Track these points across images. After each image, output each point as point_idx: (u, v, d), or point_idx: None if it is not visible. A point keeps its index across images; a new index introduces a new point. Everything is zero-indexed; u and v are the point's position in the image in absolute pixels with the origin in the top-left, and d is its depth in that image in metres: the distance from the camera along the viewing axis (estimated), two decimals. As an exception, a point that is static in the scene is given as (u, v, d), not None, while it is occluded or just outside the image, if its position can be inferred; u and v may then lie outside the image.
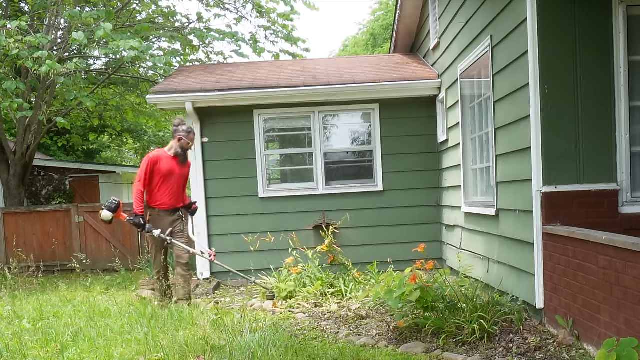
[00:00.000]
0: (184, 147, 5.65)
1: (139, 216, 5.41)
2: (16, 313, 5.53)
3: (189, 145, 5.69)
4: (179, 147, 5.63)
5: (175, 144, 5.63)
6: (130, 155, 21.77)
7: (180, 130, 5.63)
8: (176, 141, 5.63)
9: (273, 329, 4.32)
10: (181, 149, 5.63)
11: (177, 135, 5.63)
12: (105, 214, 5.43)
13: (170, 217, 5.61)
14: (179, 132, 5.63)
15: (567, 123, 4.10)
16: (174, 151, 5.63)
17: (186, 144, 5.66)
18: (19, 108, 9.52)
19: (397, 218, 7.40)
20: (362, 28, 28.42)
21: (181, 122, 5.72)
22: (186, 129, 5.65)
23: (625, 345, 2.72)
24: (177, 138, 5.63)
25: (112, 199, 5.54)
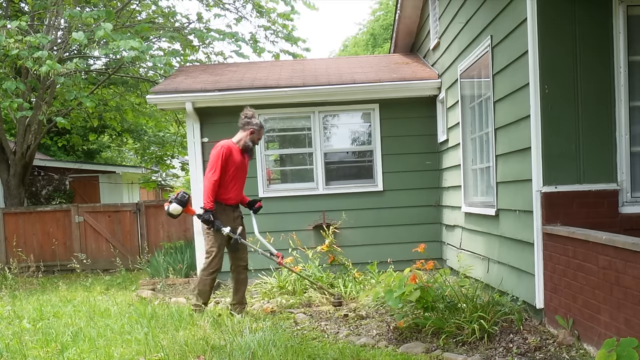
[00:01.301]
0: (255, 141, 5.28)
1: (209, 212, 4.96)
2: (16, 313, 5.53)
3: (259, 140, 5.35)
4: (250, 140, 5.23)
5: (246, 137, 5.22)
6: (130, 155, 21.75)
7: (253, 122, 5.24)
8: (247, 133, 5.22)
9: (273, 329, 4.32)
10: (252, 142, 5.25)
11: (250, 127, 5.22)
12: (174, 207, 4.99)
13: (234, 214, 5.24)
14: (251, 125, 5.23)
15: (567, 123, 4.10)
16: (244, 144, 5.22)
17: (257, 139, 5.30)
18: (19, 108, 9.53)
19: (397, 218, 7.40)
20: (362, 28, 28.45)
21: (254, 114, 5.33)
22: (259, 123, 5.30)
23: (625, 345, 2.72)
24: (249, 131, 5.22)
25: (183, 192, 5.08)
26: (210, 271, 5.09)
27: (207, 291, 5.14)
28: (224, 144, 5.08)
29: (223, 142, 5.10)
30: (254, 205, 5.52)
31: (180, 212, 5.02)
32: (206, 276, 5.09)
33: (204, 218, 4.94)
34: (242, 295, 5.25)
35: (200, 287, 5.13)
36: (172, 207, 4.98)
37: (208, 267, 5.09)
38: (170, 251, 8.10)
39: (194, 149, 7.32)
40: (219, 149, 5.01)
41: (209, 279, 5.09)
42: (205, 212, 4.93)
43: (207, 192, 4.94)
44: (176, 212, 5.01)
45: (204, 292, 5.13)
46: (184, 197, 5.01)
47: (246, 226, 5.45)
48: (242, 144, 5.21)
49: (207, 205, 4.93)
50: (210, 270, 5.09)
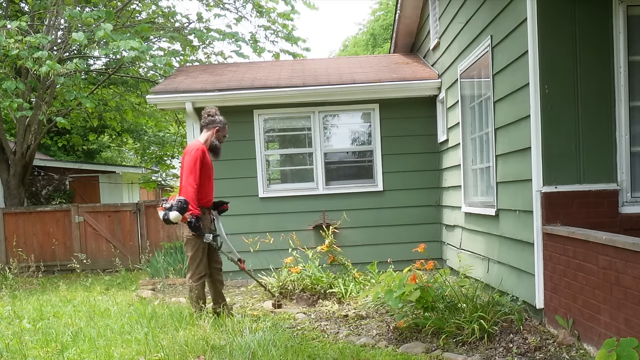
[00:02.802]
0: (221, 140, 5.13)
1: (198, 218, 4.78)
2: (16, 313, 5.53)
3: (225, 138, 5.18)
4: (216, 138, 5.08)
5: (212, 136, 5.06)
6: (130, 155, 21.75)
7: (217, 120, 5.07)
8: (213, 132, 5.05)
9: (273, 329, 4.32)
10: (218, 141, 5.10)
11: (214, 125, 5.06)
12: (175, 216, 4.71)
13: (211, 216, 5.13)
14: (215, 123, 5.06)
15: (567, 123, 4.10)
16: (211, 144, 5.06)
17: (223, 137, 5.14)
18: (19, 108, 9.53)
19: (397, 218, 7.40)
20: (362, 28, 28.44)
21: (217, 112, 5.13)
22: (223, 120, 5.13)
23: (625, 345, 2.72)
24: (214, 129, 5.05)
25: (178, 199, 4.81)
26: (198, 277, 4.94)
27: (201, 296, 4.98)
28: (198, 146, 4.88)
29: (196, 145, 4.91)
30: (219, 206, 5.30)
31: (179, 219, 4.79)
32: (195, 282, 4.93)
33: (195, 225, 4.75)
34: (222, 296, 5.19)
35: (194, 295, 4.96)
36: (173, 215, 4.73)
37: (194, 273, 4.93)
38: (170, 251, 8.09)
39: (194, 149, 7.30)
40: (195, 153, 4.82)
41: (198, 285, 4.93)
42: (197, 219, 4.76)
43: (191, 198, 4.75)
44: (177, 220, 4.77)
45: (199, 297, 4.96)
46: (185, 205, 4.74)
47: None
48: (209, 144, 5.03)
49: (196, 211, 4.76)
50: (198, 276, 4.94)
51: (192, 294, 4.98)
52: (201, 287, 4.97)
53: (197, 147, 4.86)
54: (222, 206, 5.33)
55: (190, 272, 4.96)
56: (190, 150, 4.87)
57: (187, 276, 5.00)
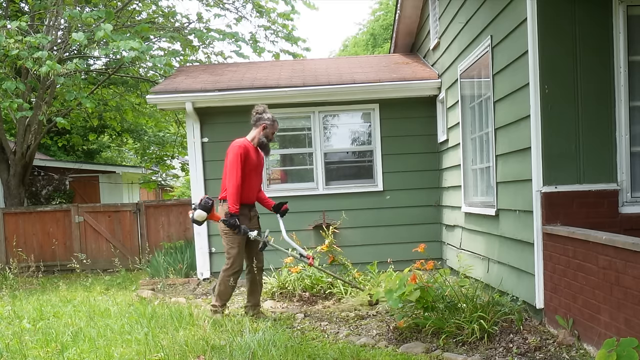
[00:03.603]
0: (269, 136, 5.08)
1: (235, 216, 4.78)
2: (16, 313, 5.53)
3: (273, 135, 5.14)
4: (264, 136, 5.04)
5: (259, 133, 5.04)
6: (130, 155, 21.75)
7: (265, 117, 5.06)
8: (260, 129, 5.04)
9: (273, 329, 4.32)
10: (266, 138, 5.06)
11: (262, 123, 5.04)
12: (199, 214, 4.82)
13: (250, 213, 5.08)
14: (263, 120, 5.05)
15: (567, 123, 4.10)
16: (258, 141, 5.05)
17: (271, 134, 5.09)
18: (19, 108, 9.53)
19: (397, 218, 7.40)
20: (362, 28, 28.44)
21: (265, 110, 5.13)
22: (272, 117, 5.09)
23: (625, 345, 2.72)
24: (261, 126, 5.04)
25: (207, 197, 4.92)
26: (232, 272, 4.91)
27: (228, 293, 4.99)
28: (241, 143, 4.90)
29: (239, 142, 4.92)
30: (280, 208, 5.36)
31: (205, 218, 4.87)
32: (227, 276, 4.91)
33: (230, 223, 4.77)
34: (257, 298, 5.13)
35: (222, 288, 4.96)
36: (197, 213, 4.82)
37: (230, 267, 4.91)
38: (170, 251, 8.10)
39: (194, 149, 7.32)
40: (237, 150, 4.84)
41: (230, 280, 4.92)
42: (232, 216, 4.77)
43: (232, 196, 4.78)
44: (201, 219, 4.86)
45: (224, 293, 4.97)
46: (208, 203, 4.84)
47: (273, 228, 5.40)
48: (256, 141, 5.05)
49: (233, 210, 4.78)
50: (232, 271, 4.91)
51: (220, 286, 4.97)
52: (231, 285, 4.93)
53: (240, 145, 4.88)
54: (282, 207, 5.38)
55: (225, 266, 4.97)
56: (232, 148, 4.89)
57: (222, 269, 4.99)
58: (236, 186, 4.79)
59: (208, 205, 4.84)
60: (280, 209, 5.37)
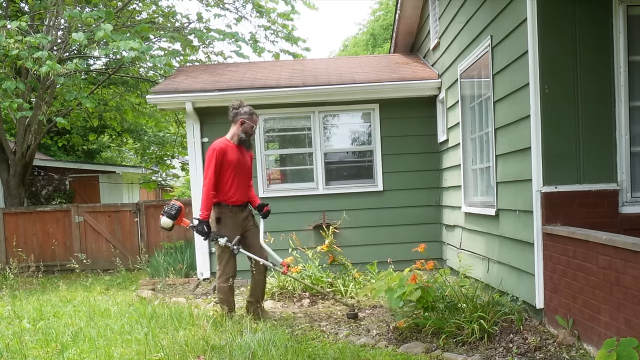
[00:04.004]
0: (248, 131, 4.94)
1: (203, 222, 4.67)
2: (16, 313, 5.53)
3: (252, 129, 4.98)
4: (243, 132, 4.91)
5: (237, 129, 4.92)
6: (130, 155, 21.75)
7: (241, 112, 4.91)
8: (238, 125, 4.92)
9: (273, 329, 4.32)
10: (245, 133, 4.92)
11: (239, 118, 4.91)
12: (165, 221, 4.72)
13: (242, 214, 4.96)
14: (240, 115, 4.91)
15: (567, 123, 4.10)
16: (237, 138, 4.92)
17: (250, 128, 4.95)
18: (19, 108, 9.53)
19: (397, 218, 7.40)
20: (362, 28, 28.44)
21: (241, 104, 4.99)
22: (248, 111, 4.93)
23: (625, 345, 2.72)
24: (239, 122, 4.91)
25: (173, 203, 4.79)
26: (225, 277, 4.83)
27: (229, 300, 4.88)
28: (216, 145, 4.81)
29: (216, 143, 4.84)
30: (262, 209, 5.21)
31: (170, 225, 4.75)
32: (223, 283, 4.84)
33: (198, 230, 4.69)
34: (258, 295, 5.04)
35: (221, 296, 4.87)
36: (163, 220, 4.75)
37: (222, 274, 4.85)
38: (170, 251, 8.09)
39: (194, 149, 7.32)
40: (211, 153, 4.76)
41: (226, 286, 4.84)
42: (199, 223, 4.67)
43: (203, 201, 4.69)
44: (166, 226, 4.75)
45: (226, 300, 4.86)
46: (173, 209, 4.73)
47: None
48: (236, 139, 4.92)
49: (202, 216, 4.68)
50: (225, 277, 4.83)
51: (218, 294, 4.90)
52: (228, 289, 4.85)
53: (215, 147, 4.78)
54: (264, 208, 5.22)
55: (218, 273, 4.92)
56: (209, 149, 4.83)
57: (216, 276, 4.95)
58: (207, 191, 4.69)
59: (172, 212, 4.71)
60: (262, 210, 5.21)
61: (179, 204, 4.81)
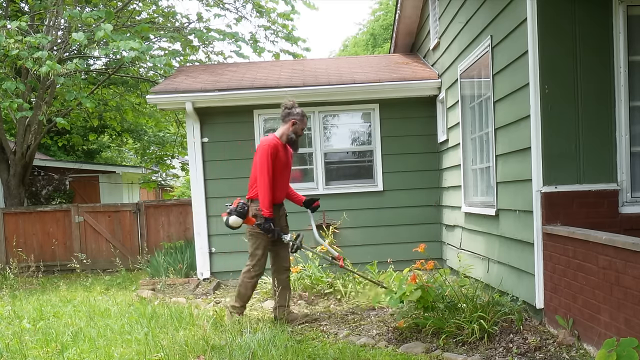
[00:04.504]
0: (298, 132, 4.90)
1: (269, 220, 4.63)
2: (16, 313, 5.53)
3: (302, 130, 4.96)
4: (293, 132, 4.87)
5: (288, 129, 4.86)
6: (130, 155, 21.76)
7: (294, 113, 4.88)
8: (289, 125, 4.86)
9: (273, 329, 4.32)
10: (295, 134, 4.88)
11: (291, 118, 4.86)
12: (235, 220, 4.62)
13: (279, 212, 4.94)
14: (292, 115, 4.87)
15: (567, 123, 4.10)
16: (287, 137, 4.87)
17: (301, 130, 4.92)
18: (19, 108, 9.53)
19: (397, 218, 7.40)
20: (362, 28, 28.45)
21: (294, 104, 4.96)
22: (301, 112, 4.91)
23: (625, 345, 2.72)
24: (290, 122, 4.86)
25: (240, 201, 4.69)
26: (253, 274, 4.80)
27: (247, 295, 4.85)
28: (270, 142, 4.72)
29: (268, 140, 4.75)
30: (311, 204, 5.17)
31: (240, 224, 4.67)
32: (249, 279, 4.79)
33: (265, 227, 4.63)
34: (285, 298, 4.93)
35: (242, 290, 4.82)
36: (233, 219, 4.63)
37: (252, 270, 4.79)
38: (170, 251, 8.09)
39: (194, 149, 7.32)
40: (266, 149, 4.67)
41: (251, 283, 4.80)
42: (266, 220, 4.62)
43: (265, 199, 4.62)
44: (236, 225, 4.66)
45: (244, 295, 4.84)
46: (244, 209, 4.65)
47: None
48: (285, 138, 4.87)
49: (267, 214, 4.62)
50: (253, 274, 4.80)
51: (240, 288, 4.86)
52: (252, 285, 4.83)
53: (267, 143, 4.71)
54: (314, 203, 5.18)
55: (246, 267, 4.85)
56: (260, 148, 4.74)
57: (243, 270, 4.86)
58: (267, 188, 4.64)
59: (244, 210, 4.65)
60: (311, 205, 5.18)
61: (247, 203, 4.76)
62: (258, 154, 4.75)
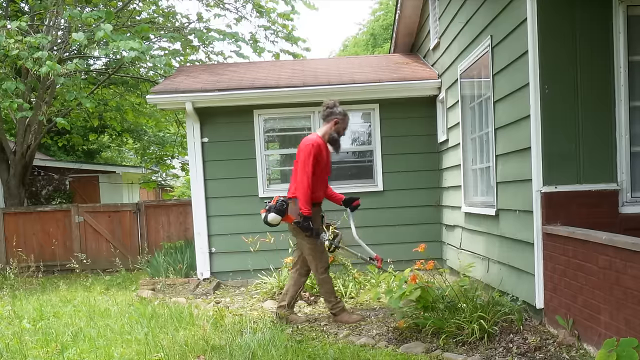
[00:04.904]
0: (340, 132, 4.90)
1: (308, 218, 4.63)
2: (16, 313, 5.53)
3: (344, 130, 4.96)
4: (335, 131, 4.87)
5: (330, 129, 4.87)
6: (130, 155, 21.76)
7: (336, 112, 4.88)
8: (332, 125, 4.87)
9: (273, 329, 4.32)
10: (337, 133, 4.89)
11: (333, 118, 4.87)
12: (274, 218, 4.68)
13: (320, 212, 4.97)
14: (334, 115, 4.87)
15: (567, 123, 4.10)
16: (329, 137, 4.87)
17: (342, 129, 4.92)
18: (19, 108, 9.53)
19: (397, 218, 7.39)
20: (362, 28, 28.44)
21: (336, 104, 4.95)
22: (342, 111, 4.91)
23: (625, 345, 2.72)
24: (333, 121, 4.86)
25: (280, 198, 4.74)
26: (323, 269, 4.85)
27: (332, 290, 4.90)
28: (314, 141, 4.70)
29: (312, 140, 4.73)
30: (351, 203, 5.14)
31: (279, 221, 4.73)
32: (322, 274, 4.84)
33: (304, 226, 4.64)
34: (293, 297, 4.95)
35: (326, 287, 4.87)
36: (272, 217, 4.69)
37: (319, 266, 4.83)
38: (170, 251, 8.10)
39: (194, 149, 7.32)
40: (309, 148, 4.65)
41: (326, 276, 4.85)
42: (305, 219, 4.63)
43: (305, 197, 4.62)
44: (275, 222, 4.72)
45: (330, 290, 4.89)
46: (283, 206, 4.68)
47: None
48: (327, 137, 4.86)
49: (306, 212, 4.62)
50: (323, 268, 4.85)
51: (323, 288, 4.88)
52: (329, 279, 4.88)
53: (312, 143, 4.69)
54: (354, 202, 5.16)
55: (314, 267, 4.86)
56: (304, 147, 4.72)
57: (313, 271, 4.90)
58: (308, 187, 4.63)
59: (283, 208, 4.69)
60: (351, 204, 5.15)
61: (287, 200, 4.77)
62: (301, 153, 4.72)
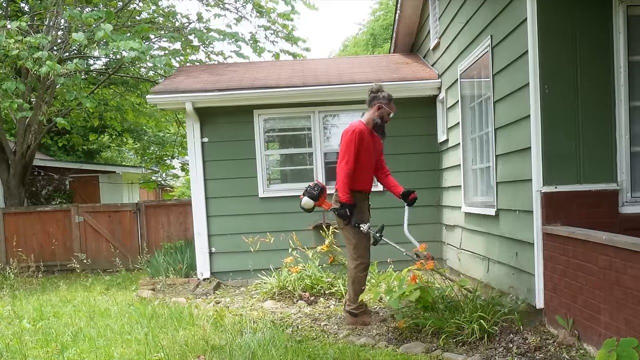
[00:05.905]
0: (384, 117, 4.70)
1: (346, 205, 4.46)
2: (16, 313, 5.54)
3: (389, 115, 4.73)
4: (379, 117, 4.69)
5: (373, 114, 4.69)
6: (130, 155, 21.76)
7: (379, 97, 4.69)
8: (374, 110, 4.69)
9: (273, 329, 4.32)
10: (381, 119, 4.70)
11: (376, 102, 4.68)
12: (306, 202, 4.60)
13: (367, 202, 4.78)
14: (378, 99, 4.69)
15: (567, 123, 4.10)
16: (373, 123, 4.69)
17: (387, 114, 4.71)
18: (19, 108, 9.53)
19: (397, 218, 7.34)
20: (362, 28, 28.44)
21: (380, 89, 4.75)
22: (387, 96, 4.70)
23: (625, 345, 2.72)
24: (376, 106, 4.68)
25: (316, 183, 4.68)
26: (363, 267, 4.63)
27: (362, 290, 4.66)
28: (356, 127, 4.55)
29: (354, 125, 4.57)
30: (407, 196, 4.90)
31: (312, 206, 4.62)
32: (360, 272, 4.63)
33: (340, 213, 4.49)
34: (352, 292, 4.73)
35: (356, 287, 4.64)
36: (303, 200, 4.63)
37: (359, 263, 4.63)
38: (170, 251, 8.10)
39: (194, 149, 7.32)
40: (350, 134, 4.51)
41: (362, 276, 4.64)
42: (342, 205, 4.48)
43: (343, 184, 4.48)
44: (308, 206, 4.63)
45: (359, 291, 4.64)
46: (316, 190, 4.60)
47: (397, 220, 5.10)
48: (371, 123, 4.70)
49: (344, 199, 4.47)
50: (363, 266, 4.63)
51: (355, 285, 4.66)
52: (364, 278, 4.68)
53: (353, 129, 4.55)
54: (410, 196, 4.92)
55: (353, 262, 4.65)
56: (345, 133, 4.60)
57: (351, 266, 4.68)
58: (346, 174, 4.49)
59: (314, 192, 4.60)
60: (407, 197, 4.91)
61: (321, 184, 4.70)
62: (343, 139, 4.60)
